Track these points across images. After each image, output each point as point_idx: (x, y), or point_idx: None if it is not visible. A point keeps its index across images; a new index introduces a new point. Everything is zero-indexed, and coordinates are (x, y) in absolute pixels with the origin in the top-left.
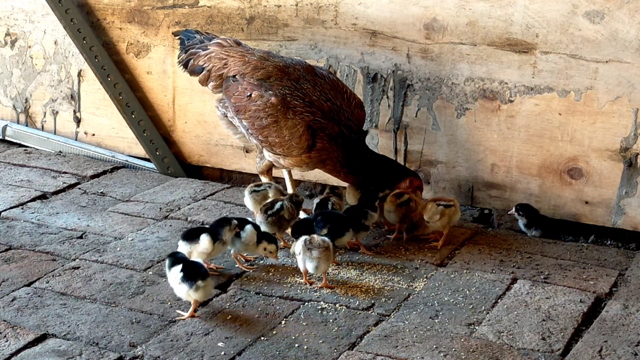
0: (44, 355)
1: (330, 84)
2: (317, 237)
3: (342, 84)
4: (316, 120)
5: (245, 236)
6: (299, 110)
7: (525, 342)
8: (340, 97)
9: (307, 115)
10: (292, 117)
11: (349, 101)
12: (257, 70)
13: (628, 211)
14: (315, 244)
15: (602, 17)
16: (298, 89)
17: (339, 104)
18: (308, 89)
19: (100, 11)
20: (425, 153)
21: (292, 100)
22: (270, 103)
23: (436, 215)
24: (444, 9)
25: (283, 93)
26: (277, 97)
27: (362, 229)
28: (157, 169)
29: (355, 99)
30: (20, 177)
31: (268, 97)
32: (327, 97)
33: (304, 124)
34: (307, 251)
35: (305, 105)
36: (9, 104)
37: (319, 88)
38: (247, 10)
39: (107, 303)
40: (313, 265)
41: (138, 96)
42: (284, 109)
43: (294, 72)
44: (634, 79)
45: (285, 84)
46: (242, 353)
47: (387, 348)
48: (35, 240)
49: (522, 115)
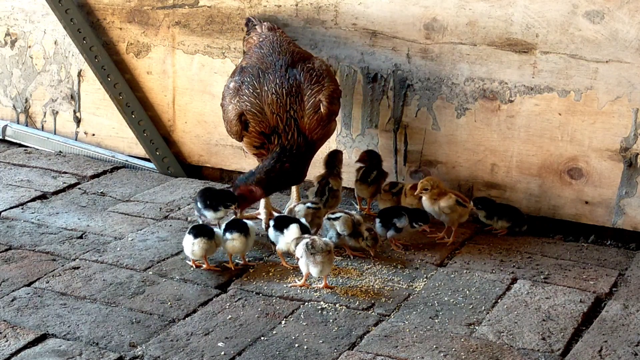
0: (44, 355)
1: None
2: (318, 241)
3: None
4: (252, 111)
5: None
6: (244, 98)
7: (525, 342)
8: (299, 100)
9: (245, 105)
10: (233, 102)
11: (307, 104)
12: (248, 60)
13: (628, 211)
14: (318, 248)
15: (602, 17)
16: (258, 80)
17: (295, 107)
18: (269, 80)
19: (100, 11)
20: (425, 153)
21: (244, 89)
22: (227, 87)
23: (451, 208)
24: (444, 9)
25: (242, 80)
26: (235, 83)
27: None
28: (157, 169)
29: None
30: (20, 177)
31: (230, 83)
32: (282, 93)
33: (236, 111)
34: (310, 255)
35: (251, 96)
36: (9, 104)
37: (279, 85)
38: (247, 10)
39: (107, 303)
40: (317, 270)
41: (138, 96)
42: (233, 94)
43: (271, 64)
44: (634, 79)
45: (252, 72)
46: (242, 353)
47: (387, 348)
48: (35, 240)
49: (522, 115)
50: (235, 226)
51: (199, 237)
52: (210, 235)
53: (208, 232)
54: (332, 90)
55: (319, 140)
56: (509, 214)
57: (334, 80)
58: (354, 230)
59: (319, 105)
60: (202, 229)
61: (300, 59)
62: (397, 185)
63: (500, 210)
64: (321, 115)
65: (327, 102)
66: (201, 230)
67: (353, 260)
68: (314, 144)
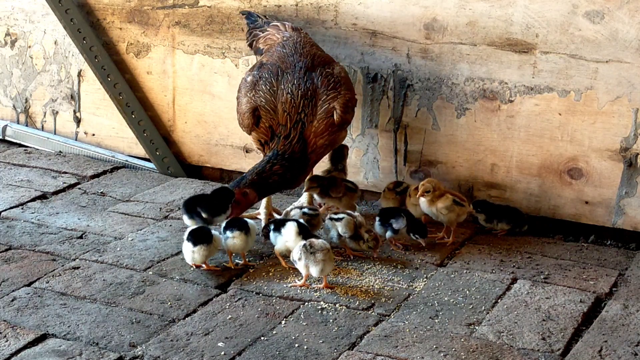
0: (44, 355)
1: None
2: (316, 241)
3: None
4: (266, 108)
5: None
6: (259, 94)
7: (525, 342)
8: (313, 104)
9: (260, 100)
10: (248, 96)
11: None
12: (269, 57)
13: (628, 211)
14: (317, 247)
15: (602, 17)
16: (276, 78)
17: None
18: (286, 80)
19: (100, 11)
20: (425, 153)
21: (261, 84)
22: (244, 80)
23: (449, 208)
24: (444, 9)
25: (261, 75)
26: (253, 77)
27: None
28: (157, 169)
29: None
30: (20, 177)
31: (247, 76)
32: (297, 95)
33: (251, 105)
34: (310, 255)
35: (267, 92)
36: (9, 104)
37: (296, 86)
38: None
39: (107, 303)
40: (318, 269)
41: (138, 96)
42: (250, 88)
43: (291, 64)
44: (634, 79)
45: (271, 69)
46: (242, 353)
47: (387, 348)
48: (35, 240)
49: (522, 115)
50: (236, 224)
51: (199, 244)
52: (209, 240)
53: (207, 237)
54: (347, 99)
55: (323, 147)
56: (508, 215)
57: (350, 89)
58: (355, 233)
59: (332, 112)
60: (200, 234)
61: (321, 63)
62: (401, 184)
63: (499, 213)
64: (332, 122)
65: (341, 110)
66: (199, 236)
67: (353, 260)
68: (314, 152)
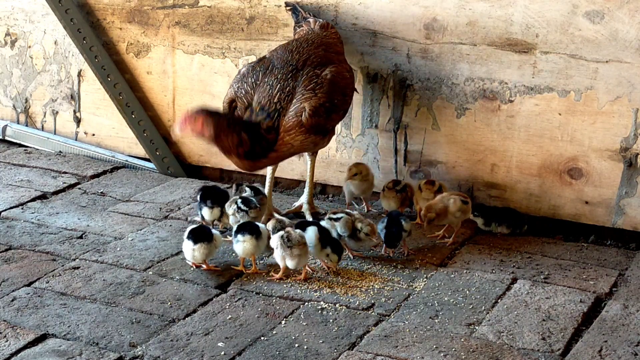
0: (44, 355)
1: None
2: (294, 233)
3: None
4: (242, 100)
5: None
6: (244, 86)
7: (525, 342)
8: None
9: (240, 92)
10: (233, 87)
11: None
12: (273, 52)
13: (628, 211)
14: (294, 241)
15: (602, 17)
16: (264, 72)
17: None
18: (272, 75)
19: (100, 11)
20: (425, 153)
21: (248, 78)
22: (239, 70)
23: (461, 209)
24: (444, 9)
25: (253, 68)
26: (246, 69)
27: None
28: (157, 169)
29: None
30: (20, 177)
31: (243, 67)
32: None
33: (230, 96)
34: (286, 249)
35: (249, 85)
36: (9, 104)
37: (277, 81)
38: (247, 10)
39: (107, 303)
40: (294, 263)
41: (138, 96)
42: (239, 78)
43: (285, 61)
44: (634, 79)
45: (266, 64)
46: (242, 353)
47: (387, 348)
48: (35, 240)
49: (522, 115)
50: (247, 228)
51: (199, 242)
52: (209, 238)
53: (207, 235)
54: (321, 103)
55: (289, 145)
56: (507, 218)
57: (332, 93)
58: (353, 231)
59: (301, 112)
60: (201, 232)
61: (315, 63)
62: (399, 182)
63: (498, 215)
64: (300, 122)
65: (310, 113)
66: (200, 234)
67: (353, 260)
68: (279, 146)
